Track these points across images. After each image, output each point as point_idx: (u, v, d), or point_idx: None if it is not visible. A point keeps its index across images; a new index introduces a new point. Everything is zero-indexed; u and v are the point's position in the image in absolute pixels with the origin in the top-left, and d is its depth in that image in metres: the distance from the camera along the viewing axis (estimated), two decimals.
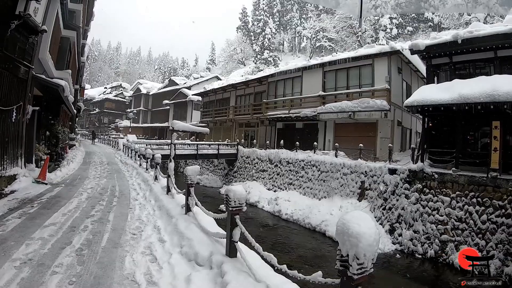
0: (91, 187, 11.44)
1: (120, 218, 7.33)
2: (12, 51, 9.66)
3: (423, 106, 14.59)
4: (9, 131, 9.99)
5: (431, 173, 13.80)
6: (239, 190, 4.45)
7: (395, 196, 14.86)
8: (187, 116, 50.28)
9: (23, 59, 10.47)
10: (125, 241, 5.77)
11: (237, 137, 32.63)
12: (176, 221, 6.55)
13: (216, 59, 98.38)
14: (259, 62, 66.82)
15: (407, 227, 13.82)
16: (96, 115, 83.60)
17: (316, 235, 15.49)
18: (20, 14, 8.99)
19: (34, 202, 8.28)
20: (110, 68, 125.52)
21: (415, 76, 23.76)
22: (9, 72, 9.70)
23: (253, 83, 32.80)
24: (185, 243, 5.34)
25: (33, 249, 4.99)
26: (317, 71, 24.70)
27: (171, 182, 9.37)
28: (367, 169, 16.71)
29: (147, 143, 27.81)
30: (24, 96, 10.90)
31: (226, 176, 28.64)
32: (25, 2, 9.08)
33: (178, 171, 30.47)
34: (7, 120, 9.84)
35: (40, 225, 6.23)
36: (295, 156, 21.55)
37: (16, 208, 7.51)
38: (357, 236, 1.99)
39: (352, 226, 2.04)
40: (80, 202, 8.82)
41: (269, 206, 19.87)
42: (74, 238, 5.68)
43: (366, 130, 20.91)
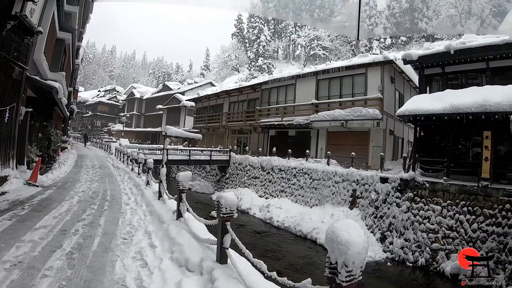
0: (82, 191, 11.38)
1: (111, 223, 7.31)
2: (7, 51, 9.66)
3: (415, 116, 14.75)
4: (1, 132, 9.97)
5: (422, 182, 13.90)
6: (230, 197, 4.46)
7: (386, 205, 14.93)
8: (180, 121, 50.25)
9: (18, 60, 10.46)
10: (116, 246, 5.75)
11: (230, 143, 32.65)
12: (167, 227, 6.54)
13: (210, 65, 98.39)
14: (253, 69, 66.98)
15: (398, 235, 13.87)
16: (89, 118, 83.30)
17: (307, 243, 15.49)
18: (16, 15, 9.01)
19: (25, 204, 8.25)
20: (104, 71, 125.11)
21: (407, 85, 23.96)
22: (3, 72, 9.70)
23: (246, 90, 32.83)
24: (176, 248, 5.34)
25: (23, 251, 4.97)
26: (310, 79, 24.82)
27: (162, 187, 9.35)
28: (358, 177, 16.76)
29: (140, 148, 27.70)
30: (18, 97, 10.88)
31: (218, 183, 28.61)
32: (22, 3, 9.10)
33: (170, 177, 30.42)
34: (0, 121, 9.80)
35: (31, 228, 6.20)
36: (287, 164, 21.58)
37: (6, 210, 7.46)
38: (346, 243, 2.01)
39: (341, 234, 2.06)
40: (71, 205, 8.78)
41: (261, 213, 19.85)
42: (65, 241, 5.65)
43: (358, 138, 20.99)
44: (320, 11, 72.26)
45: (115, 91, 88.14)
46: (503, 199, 11.70)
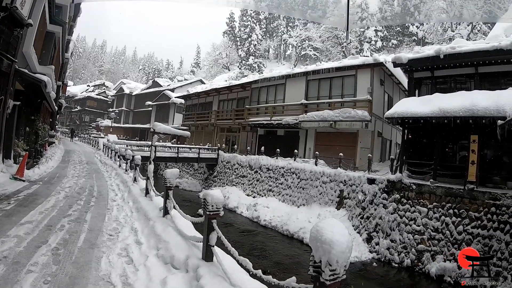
0: (69, 186, 11.33)
1: (97, 219, 7.29)
2: None
3: (403, 118, 14.85)
4: None
5: (409, 184, 14.01)
6: (216, 194, 4.46)
7: (373, 206, 15.03)
8: (169, 118, 50.12)
9: (7, 52, 10.37)
10: (102, 242, 5.75)
11: (218, 141, 32.71)
12: (153, 224, 6.53)
13: (201, 63, 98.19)
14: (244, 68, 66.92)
15: (384, 236, 13.98)
16: (77, 113, 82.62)
17: (293, 242, 15.54)
18: (6, 6, 8.90)
19: (11, 199, 8.20)
20: (94, 66, 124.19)
21: (397, 88, 24.14)
22: None
23: (236, 89, 32.82)
24: (162, 245, 5.34)
25: (8, 246, 4.95)
26: (300, 79, 24.87)
27: (150, 184, 9.33)
28: (346, 178, 16.83)
29: (128, 144, 27.58)
30: (6, 89, 10.79)
31: (206, 181, 28.59)
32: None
33: (158, 174, 30.37)
34: None
35: (16, 223, 6.17)
36: (275, 163, 21.61)
37: None
38: (330, 243, 2.03)
39: (325, 233, 2.09)
40: (57, 201, 8.74)
41: (248, 212, 19.87)
42: (51, 237, 5.64)
43: (346, 139, 21.10)
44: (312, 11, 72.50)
45: (104, 86, 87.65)
46: (488, 202, 11.83)
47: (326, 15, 65.10)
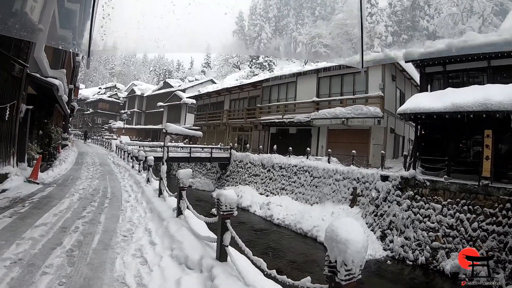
0: (83, 188, 11.37)
1: (111, 220, 7.30)
2: (7, 49, 9.68)
3: (416, 114, 14.71)
4: (1, 129, 10.01)
5: (423, 181, 13.89)
6: (230, 194, 4.44)
7: (387, 203, 14.93)
8: (181, 118, 50.27)
9: (18, 57, 10.48)
10: (116, 243, 5.74)
11: (231, 141, 32.69)
12: (167, 224, 6.53)
13: (211, 63, 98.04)
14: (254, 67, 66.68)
15: (398, 233, 13.87)
16: (89, 115, 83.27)
17: (307, 240, 15.51)
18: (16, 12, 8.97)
19: (26, 201, 8.24)
20: (105, 69, 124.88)
21: (408, 84, 23.93)
22: (4, 70, 9.73)
23: (247, 88, 32.86)
24: (176, 246, 5.32)
25: (24, 249, 4.96)
26: (311, 77, 24.82)
27: (163, 185, 9.34)
28: (359, 175, 16.74)
29: (140, 145, 27.71)
30: (18, 94, 10.89)
31: (219, 180, 28.61)
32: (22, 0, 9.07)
33: (170, 174, 30.42)
34: (0, 118, 9.83)
35: (31, 225, 6.18)
36: (288, 161, 21.56)
37: (7, 207, 7.46)
38: (346, 242, 2.00)
39: (340, 232, 2.05)
40: (71, 202, 8.76)
41: (261, 210, 19.87)
42: (65, 239, 5.64)
43: (359, 136, 21.00)
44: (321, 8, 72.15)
45: (116, 88, 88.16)
46: (503, 198, 11.69)
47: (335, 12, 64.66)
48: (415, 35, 55.66)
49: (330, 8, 69.96)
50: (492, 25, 42.47)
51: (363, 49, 3.80)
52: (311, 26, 67.70)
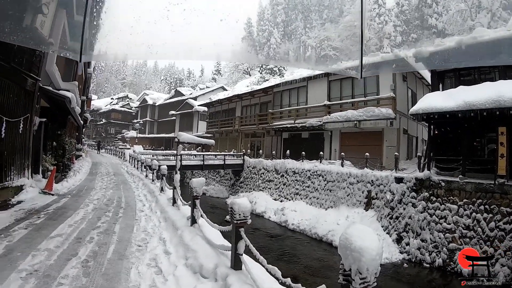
0: (97, 198, 11.44)
1: (126, 230, 7.33)
2: (19, 63, 9.79)
3: (428, 114, 14.57)
4: (16, 142, 10.11)
5: (438, 181, 13.73)
6: (243, 203, 4.42)
7: (402, 205, 14.78)
8: (193, 126, 50.47)
9: (30, 71, 10.59)
10: (131, 253, 5.76)
11: (243, 147, 32.70)
12: (181, 233, 6.53)
13: (221, 70, 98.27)
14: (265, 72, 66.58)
15: (415, 236, 13.71)
16: (103, 125, 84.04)
17: (322, 245, 15.42)
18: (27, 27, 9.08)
19: (41, 213, 8.31)
20: (116, 79, 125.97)
21: (420, 83, 23.73)
22: (17, 84, 9.85)
23: (258, 93, 32.91)
24: (190, 255, 5.32)
25: (39, 260, 5.00)
26: (322, 80, 24.78)
27: (176, 193, 9.35)
28: (373, 178, 16.61)
29: (154, 154, 27.83)
30: (31, 107, 11.01)
31: (233, 187, 28.61)
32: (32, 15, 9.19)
33: (184, 182, 30.45)
34: (15, 131, 9.95)
35: (47, 236, 6.24)
36: (301, 166, 21.49)
37: (22, 218, 7.54)
38: (360, 250, 1.97)
39: (354, 240, 2.02)
40: (86, 213, 8.82)
41: (276, 216, 19.81)
42: (80, 249, 5.68)
43: (372, 139, 20.87)
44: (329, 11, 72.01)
45: (128, 98, 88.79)
46: None
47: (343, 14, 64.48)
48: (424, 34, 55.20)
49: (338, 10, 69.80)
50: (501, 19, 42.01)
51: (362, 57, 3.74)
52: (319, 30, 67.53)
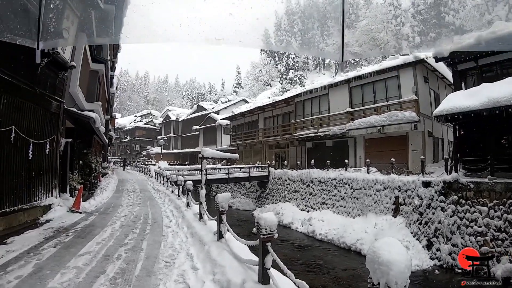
0: (124, 215, 11.55)
1: (153, 246, 7.36)
2: (43, 87, 10.06)
3: (452, 115, 14.30)
4: (43, 163, 10.37)
5: (466, 183, 13.38)
6: (269, 217, 4.40)
7: (430, 210, 14.47)
8: (217, 140, 50.70)
9: (54, 94, 10.88)
10: (159, 269, 5.78)
11: (268, 159, 32.61)
12: (208, 248, 6.53)
13: (242, 82, 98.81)
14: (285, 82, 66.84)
15: (445, 241, 13.39)
16: (127, 143, 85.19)
17: (351, 255, 15.23)
18: (49, 52, 9.37)
19: (69, 231, 8.44)
20: (139, 97, 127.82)
21: (442, 83, 23.34)
22: (42, 107, 10.13)
23: (280, 104, 32.92)
24: (218, 270, 5.31)
25: (68, 278, 5.07)
26: (343, 87, 24.69)
27: (202, 208, 9.36)
28: (400, 183, 16.33)
29: (179, 169, 28.05)
30: (57, 129, 11.29)
31: (259, 199, 28.54)
32: None
33: (210, 195, 30.61)
34: (42, 153, 10.23)
35: (75, 254, 6.33)
36: (326, 175, 21.32)
37: (51, 237, 7.68)
38: (388, 264, 1.93)
39: (382, 253, 1.98)
40: (113, 230, 8.91)
41: (303, 227, 19.67)
42: (108, 266, 5.73)
43: (396, 143, 20.61)
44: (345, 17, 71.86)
45: (151, 115, 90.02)
46: None
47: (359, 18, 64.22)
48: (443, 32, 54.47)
49: (354, 15, 69.60)
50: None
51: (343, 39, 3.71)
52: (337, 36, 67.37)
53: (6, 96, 8.13)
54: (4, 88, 7.95)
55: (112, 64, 28.93)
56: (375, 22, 54.44)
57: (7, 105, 8.22)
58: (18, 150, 8.81)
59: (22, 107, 9.02)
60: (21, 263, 5.65)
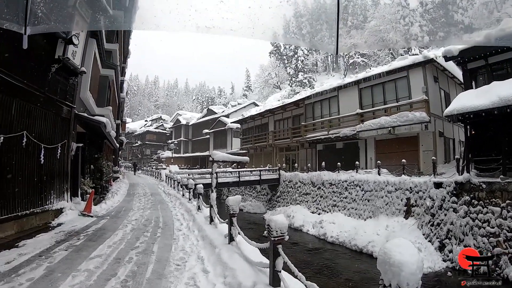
0: (135, 219, 11.58)
1: (164, 249, 7.36)
2: (54, 92, 10.18)
3: (463, 114, 14.15)
4: (55, 167, 10.49)
5: (478, 184, 13.20)
6: (280, 219, 4.39)
7: (442, 211, 14.32)
8: (227, 143, 50.82)
9: (65, 99, 11.00)
10: (169, 272, 5.77)
11: (278, 161, 32.61)
12: (219, 251, 6.53)
13: (252, 86, 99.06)
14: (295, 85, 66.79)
15: (457, 242, 13.22)
16: (138, 147, 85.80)
17: (363, 257, 15.12)
18: (59, 58, 9.52)
19: (80, 234, 8.50)
20: (149, 102, 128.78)
21: (452, 83, 23.14)
22: (53, 112, 10.25)
23: (290, 107, 32.89)
24: (229, 273, 5.31)
25: (79, 280, 5.10)
26: (352, 89, 24.63)
27: (213, 212, 9.37)
28: (411, 185, 16.20)
29: (189, 173, 28.10)
30: (68, 134, 11.41)
31: (270, 202, 28.47)
32: (63, 46, 9.59)
33: (221, 199, 30.67)
34: (53, 157, 10.34)
35: (86, 257, 6.36)
36: (337, 177, 21.21)
37: (63, 240, 7.73)
38: (399, 265, 1.91)
39: (393, 255, 1.97)
40: (125, 233, 8.95)
41: (314, 229, 19.59)
42: (119, 269, 5.75)
43: (407, 144, 20.48)
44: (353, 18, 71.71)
45: (161, 119, 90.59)
46: None
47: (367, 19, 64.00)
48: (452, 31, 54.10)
49: (362, 16, 69.49)
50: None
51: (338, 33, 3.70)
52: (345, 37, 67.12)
53: (18, 102, 8.23)
54: (15, 93, 8.06)
55: (122, 69, 29.15)
56: (384, 23, 54.24)
57: (19, 111, 8.32)
58: (30, 155, 8.91)
59: (33, 112, 9.13)
60: (32, 266, 5.70)
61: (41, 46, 9.18)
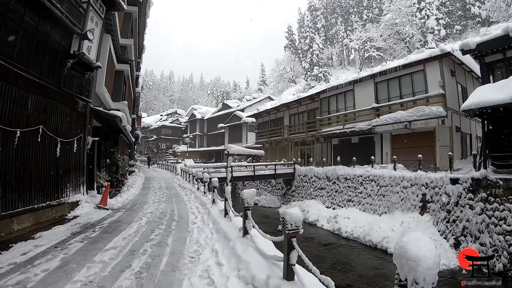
0: (150, 212, 11.68)
1: (178, 242, 7.41)
2: (70, 87, 10.30)
3: (480, 109, 13.86)
4: (71, 161, 10.65)
5: (495, 180, 12.95)
6: (295, 213, 4.35)
7: (458, 208, 14.11)
8: (242, 137, 50.86)
9: (81, 94, 11.13)
10: (183, 265, 5.81)
11: (293, 156, 32.47)
12: (233, 244, 6.53)
13: (267, 80, 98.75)
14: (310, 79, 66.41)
15: (473, 240, 13.00)
16: (154, 141, 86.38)
17: (377, 253, 15.03)
18: (74, 53, 9.65)
19: (96, 226, 8.61)
20: (164, 96, 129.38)
21: (469, 77, 22.79)
22: (69, 107, 10.38)
23: (305, 101, 32.77)
24: (243, 266, 5.30)
25: (94, 271, 5.16)
26: (368, 83, 24.42)
27: (228, 205, 9.37)
28: (427, 180, 16.01)
29: (204, 167, 28.16)
30: (84, 128, 11.54)
31: (284, 196, 28.47)
32: (79, 42, 9.72)
33: (236, 193, 30.64)
34: (69, 151, 10.49)
35: (101, 249, 6.44)
36: (352, 172, 21.08)
37: (78, 232, 7.84)
38: (416, 259, 1.88)
39: (410, 249, 1.94)
40: (139, 226, 9.04)
41: (329, 224, 19.53)
42: (134, 261, 5.80)
43: (424, 139, 20.27)
44: (368, 11, 71.11)
45: (176, 114, 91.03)
46: None
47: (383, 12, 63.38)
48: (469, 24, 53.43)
49: (377, 9, 68.86)
50: None
51: None
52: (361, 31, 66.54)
53: (34, 97, 8.34)
54: (32, 88, 8.17)
55: (137, 64, 29.29)
56: (399, 16, 53.66)
57: (35, 105, 8.45)
58: (46, 149, 9.04)
59: (50, 107, 9.25)
60: (48, 257, 5.78)
61: (57, 41, 9.29)
